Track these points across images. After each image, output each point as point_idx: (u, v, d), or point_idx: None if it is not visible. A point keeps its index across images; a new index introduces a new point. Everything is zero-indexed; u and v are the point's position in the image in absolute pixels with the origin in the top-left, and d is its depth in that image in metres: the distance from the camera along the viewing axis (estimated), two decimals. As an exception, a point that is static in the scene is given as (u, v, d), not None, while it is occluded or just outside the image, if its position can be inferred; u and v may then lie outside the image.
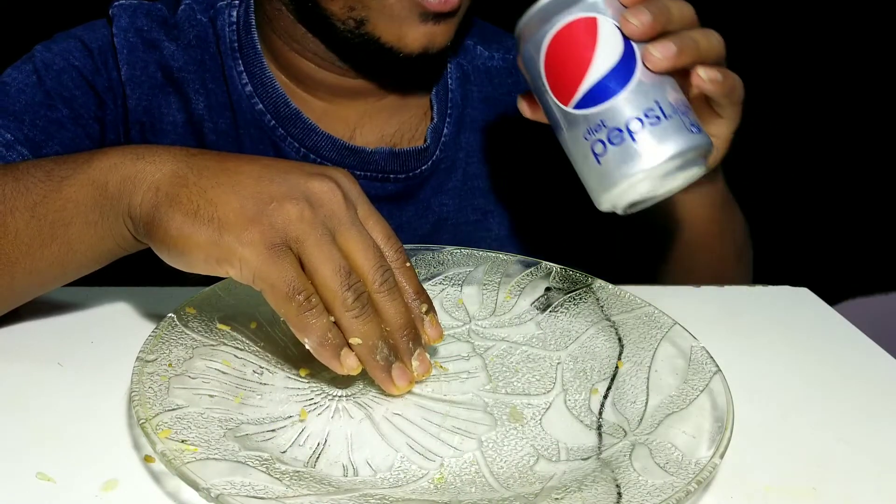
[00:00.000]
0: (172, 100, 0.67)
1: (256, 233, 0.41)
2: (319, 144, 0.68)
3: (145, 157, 0.44)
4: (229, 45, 0.67)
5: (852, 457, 0.43)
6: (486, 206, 0.74)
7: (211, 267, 0.41)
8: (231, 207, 0.41)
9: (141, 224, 0.43)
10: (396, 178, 0.70)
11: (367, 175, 0.69)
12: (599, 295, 0.53)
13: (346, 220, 0.43)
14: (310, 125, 0.67)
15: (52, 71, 0.64)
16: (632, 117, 0.48)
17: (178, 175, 0.43)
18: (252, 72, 0.67)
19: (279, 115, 0.67)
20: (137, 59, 0.66)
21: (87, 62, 0.65)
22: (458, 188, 0.73)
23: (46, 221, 0.46)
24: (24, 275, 0.47)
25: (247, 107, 0.67)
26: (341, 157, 0.68)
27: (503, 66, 0.76)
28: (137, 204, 0.43)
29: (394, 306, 0.43)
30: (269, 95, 0.67)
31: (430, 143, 0.70)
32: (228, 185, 0.42)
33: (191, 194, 0.42)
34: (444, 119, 0.72)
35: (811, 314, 0.60)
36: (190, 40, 0.68)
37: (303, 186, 0.43)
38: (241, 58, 0.67)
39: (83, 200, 0.45)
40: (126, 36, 0.66)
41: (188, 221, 0.41)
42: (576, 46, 0.48)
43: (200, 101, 0.67)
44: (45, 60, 0.64)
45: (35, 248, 0.46)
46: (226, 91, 0.67)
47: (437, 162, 0.72)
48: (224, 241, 0.40)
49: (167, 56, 0.67)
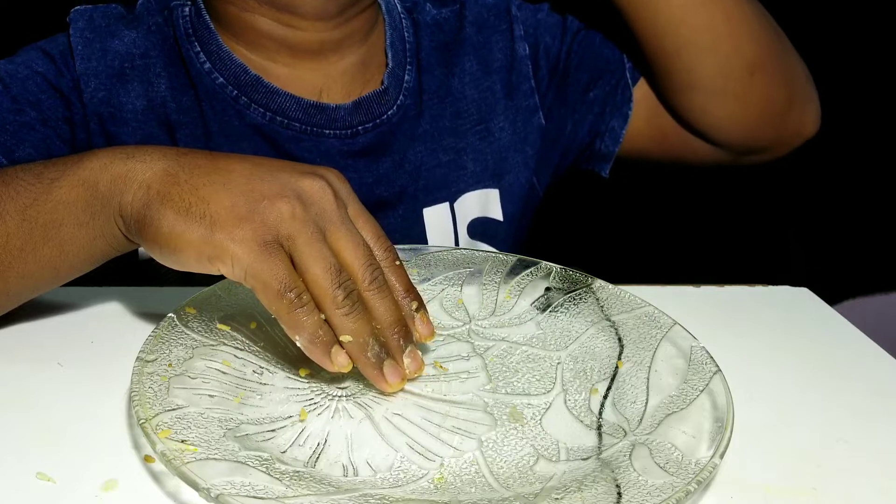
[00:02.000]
0: (131, 87, 0.67)
1: (248, 230, 0.41)
2: (284, 106, 0.67)
3: (135, 155, 0.45)
4: (184, 31, 0.68)
5: (852, 457, 0.43)
6: (457, 145, 0.74)
7: (203, 265, 0.41)
8: (223, 205, 0.41)
9: (132, 223, 0.43)
10: (365, 128, 0.69)
11: (337, 133, 0.69)
12: (599, 295, 0.53)
13: (337, 218, 0.43)
14: (272, 88, 0.67)
15: (17, 79, 0.64)
16: None
17: (169, 173, 0.43)
18: (209, 49, 0.68)
19: (240, 83, 0.67)
20: (94, 50, 0.66)
21: (50, 67, 0.66)
22: (429, 132, 0.73)
23: (38, 224, 0.46)
24: (17, 278, 0.47)
25: (208, 83, 0.67)
26: (308, 115, 0.68)
27: (451, 16, 0.77)
28: (128, 203, 0.43)
29: (384, 304, 0.44)
30: (228, 68, 0.67)
31: (387, 85, 0.70)
32: (220, 182, 0.42)
33: (182, 192, 0.42)
34: (404, 66, 0.72)
35: (811, 314, 0.60)
36: (150, 26, 0.68)
37: (294, 184, 0.43)
38: (196, 40, 0.68)
39: (74, 201, 0.45)
40: (83, 34, 0.66)
41: (180, 219, 0.41)
42: None
43: (162, 84, 0.67)
44: (8, 71, 0.65)
45: (27, 251, 0.46)
46: (185, 73, 0.68)
47: (403, 108, 0.72)
48: (216, 238, 0.41)
49: (127, 43, 0.67)
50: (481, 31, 0.77)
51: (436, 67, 0.75)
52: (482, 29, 0.77)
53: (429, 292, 0.56)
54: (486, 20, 0.77)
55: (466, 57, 0.76)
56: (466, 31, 0.77)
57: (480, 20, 0.77)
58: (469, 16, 0.77)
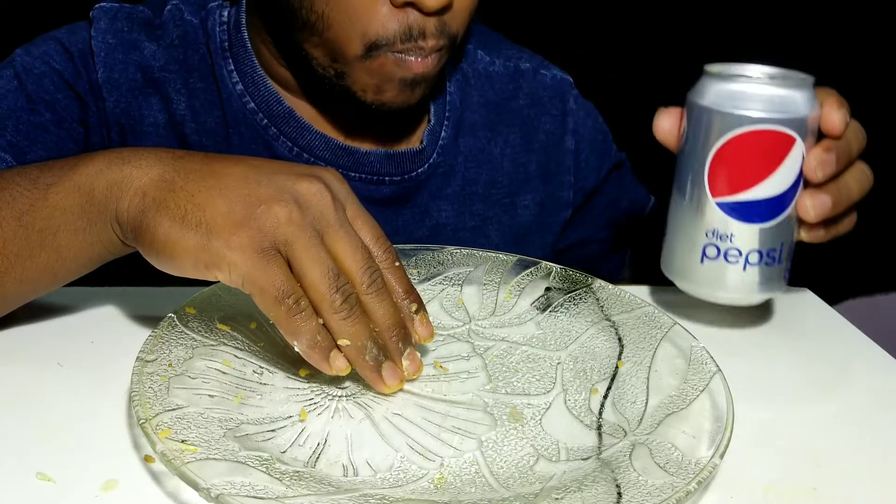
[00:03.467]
0: (153, 101, 0.66)
1: (245, 237, 0.40)
2: (313, 144, 0.67)
3: (131, 160, 0.44)
4: (219, 44, 0.66)
5: (852, 457, 0.43)
6: (485, 213, 0.74)
7: (200, 272, 0.41)
8: (219, 211, 0.41)
9: (129, 229, 0.43)
10: (392, 180, 0.69)
11: (362, 177, 0.68)
12: (599, 295, 0.53)
13: (335, 221, 0.43)
14: (303, 124, 0.67)
15: (33, 75, 0.63)
16: (756, 249, 0.50)
17: (165, 179, 0.43)
18: (243, 70, 0.66)
19: (271, 113, 0.66)
20: (116, 60, 0.65)
21: (68, 65, 0.65)
22: (457, 193, 0.73)
23: (34, 230, 0.45)
24: (14, 284, 0.47)
25: (238, 105, 0.66)
26: (335, 156, 0.67)
27: (504, 72, 0.76)
28: (124, 209, 0.43)
29: (382, 307, 0.43)
30: (261, 94, 0.66)
31: (426, 144, 0.70)
32: (216, 188, 0.42)
33: (178, 199, 0.42)
34: (442, 123, 0.72)
35: (811, 314, 0.60)
36: (173, 40, 0.67)
37: (291, 188, 0.43)
38: (231, 57, 0.66)
39: (70, 207, 0.45)
40: (104, 38, 0.65)
41: (176, 226, 0.41)
42: (762, 154, 0.48)
43: (182, 102, 0.66)
44: (25, 65, 0.64)
45: (24, 258, 0.46)
46: (216, 90, 0.66)
47: (434, 165, 0.71)
48: (212, 245, 0.40)
49: (147, 56, 0.66)
50: (533, 106, 0.76)
51: (479, 129, 0.74)
52: (534, 105, 0.76)
53: (429, 292, 0.56)
54: (540, 98, 0.77)
55: (513, 128, 0.75)
56: (519, 101, 0.76)
57: (535, 96, 0.76)
58: (525, 87, 0.76)
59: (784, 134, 0.47)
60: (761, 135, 0.47)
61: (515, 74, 0.76)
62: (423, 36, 0.57)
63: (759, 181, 0.48)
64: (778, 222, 0.49)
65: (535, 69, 0.77)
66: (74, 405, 0.43)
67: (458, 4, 0.58)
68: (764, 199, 0.48)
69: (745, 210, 0.49)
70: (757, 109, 0.47)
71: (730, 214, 0.49)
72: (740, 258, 0.50)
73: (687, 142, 0.51)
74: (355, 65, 0.59)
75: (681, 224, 0.52)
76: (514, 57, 0.77)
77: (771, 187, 0.48)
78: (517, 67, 0.76)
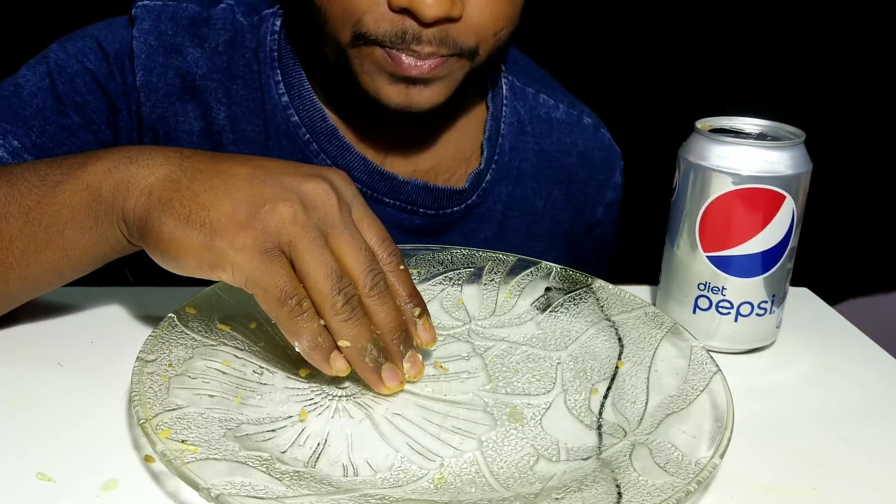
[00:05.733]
0: (191, 107, 0.65)
1: (248, 238, 0.40)
2: (352, 164, 0.66)
3: (138, 160, 0.44)
4: (269, 53, 0.66)
5: (852, 457, 0.43)
6: None
7: (203, 271, 0.41)
8: (223, 212, 0.41)
9: (135, 228, 0.43)
10: (426, 213, 0.68)
11: (396, 204, 0.67)
12: (599, 295, 0.53)
13: (339, 222, 0.43)
14: (345, 143, 0.66)
15: (66, 74, 0.62)
16: (747, 302, 0.50)
17: (171, 179, 0.43)
18: (290, 83, 0.65)
19: (315, 129, 0.66)
20: (156, 64, 0.64)
21: (102, 65, 0.63)
22: (490, 239, 0.72)
23: (41, 227, 0.45)
24: (19, 280, 0.47)
25: (281, 117, 0.65)
26: (372, 180, 0.66)
27: (566, 120, 0.75)
28: (131, 209, 0.43)
29: (384, 309, 0.43)
30: (307, 109, 0.65)
31: (468, 186, 0.69)
32: (221, 188, 0.42)
33: (183, 199, 0.42)
34: (489, 167, 0.71)
35: (811, 314, 0.60)
36: (217, 45, 0.65)
37: (297, 188, 0.42)
38: (279, 67, 0.65)
39: (77, 206, 0.45)
40: (147, 39, 0.64)
41: (180, 226, 0.41)
42: (752, 212, 0.49)
43: (222, 111, 0.65)
44: (59, 62, 0.63)
45: (30, 254, 0.46)
46: (259, 99, 0.65)
47: (471, 206, 0.70)
48: (216, 246, 0.40)
49: (190, 62, 0.65)
50: (584, 166, 0.75)
51: (527, 179, 0.73)
52: (585, 165, 0.75)
53: (429, 292, 0.56)
54: (592, 159, 0.76)
55: (559, 184, 0.74)
56: (571, 159, 0.75)
57: (588, 156, 0.75)
58: (580, 144, 0.75)
59: (774, 192, 0.48)
60: (751, 192, 0.48)
61: (576, 127, 0.75)
62: (417, 41, 0.56)
63: (750, 237, 0.49)
64: (768, 275, 0.50)
65: (595, 126, 0.76)
66: (74, 405, 0.43)
67: (472, 19, 0.57)
68: (754, 253, 0.49)
69: (735, 264, 0.50)
70: (747, 169, 0.48)
71: (720, 268, 0.50)
72: (732, 310, 0.50)
73: (679, 195, 0.51)
74: (349, 52, 0.58)
75: (674, 274, 0.53)
76: (577, 106, 0.76)
77: (761, 243, 0.49)
78: (579, 120, 0.75)
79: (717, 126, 0.52)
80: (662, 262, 0.54)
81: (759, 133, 0.52)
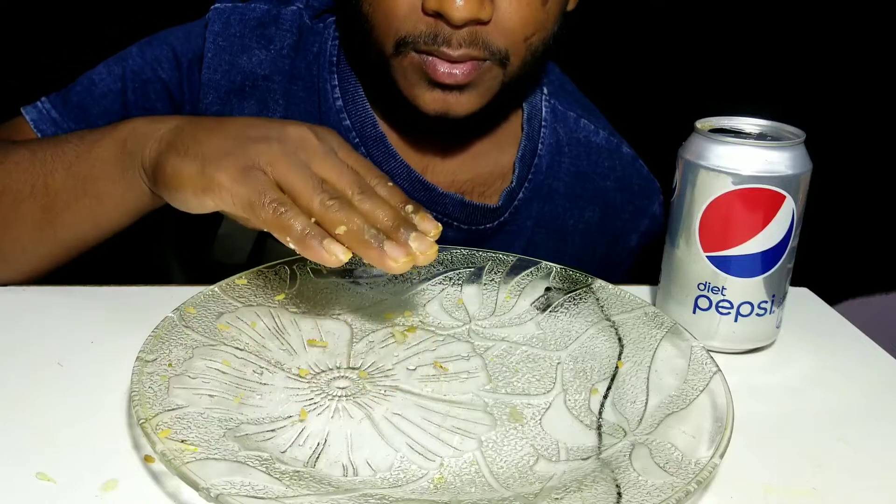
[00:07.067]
0: (246, 104, 0.68)
1: (231, 160, 0.45)
2: (395, 171, 0.67)
3: (159, 120, 0.51)
4: (328, 58, 0.68)
5: (852, 457, 0.43)
6: None
7: (199, 199, 0.46)
8: (213, 146, 0.46)
9: (150, 173, 0.49)
10: (459, 227, 0.70)
11: (433, 216, 0.68)
12: (599, 295, 0.53)
13: (321, 152, 0.46)
14: (391, 151, 0.67)
15: (139, 80, 0.66)
16: (747, 302, 0.50)
17: (179, 127, 0.49)
18: (345, 88, 0.68)
19: (364, 135, 0.67)
20: (221, 61, 0.67)
21: (174, 74, 0.67)
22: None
23: (79, 178, 0.52)
24: (64, 228, 0.54)
25: (335, 120, 0.67)
26: (413, 189, 0.67)
27: (605, 146, 0.75)
28: (147, 156, 0.49)
29: (375, 205, 0.44)
30: (359, 114, 0.67)
31: (502, 203, 0.70)
32: (217, 129, 0.47)
33: (184, 139, 0.47)
34: (522, 185, 0.71)
35: (811, 314, 0.60)
36: (283, 47, 0.68)
37: (280, 130, 0.47)
38: (337, 72, 0.68)
39: (108, 158, 0.51)
40: (216, 41, 0.67)
41: (179, 159, 0.47)
42: (752, 212, 0.48)
43: (278, 111, 0.68)
44: (135, 68, 0.66)
45: (71, 202, 0.53)
46: (316, 101, 0.68)
47: (503, 223, 0.71)
48: (206, 171, 0.45)
49: (255, 63, 0.67)
50: (621, 191, 0.75)
51: (559, 197, 0.73)
52: (623, 190, 0.75)
53: (429, 292, 0.56)
54: (630, 186, 0.76)
55: (594, 205, 0.74)
56: (608, 182, 0.75)
57: (626, 182, 0.76)
58: (619, 170, 0.75)
59: (774, 192, 0.48)
60: (751, 193, 0.48)
61: (615, 153, 0.75)
62: (448, 43, 0.57)
63: (750, 237, 0.49)
64: (768, 275, 0.50)
65: (634, 157, 0.77)
66: (74, 405, 0.43)
67: (502, 23, 0.58)
68: (754, 253, 0.49)
69: (735, 264, 0.49)
70: (747, 169, 0.48)
71: (720, 268, 0.50)
72: (732, 310, 0.50)
73: (679, 194, 0.51)
74: (392, 62, 0.60)
75: (674, 274, 0.53)
76: (617, 135, 0.77)
77: (761, 243, 0.49)
78: (619, 147, 0.76)
79: (717, 126, 0.52)
80: (662, 262, 0.54)
81: (759, 133, 0.52)
